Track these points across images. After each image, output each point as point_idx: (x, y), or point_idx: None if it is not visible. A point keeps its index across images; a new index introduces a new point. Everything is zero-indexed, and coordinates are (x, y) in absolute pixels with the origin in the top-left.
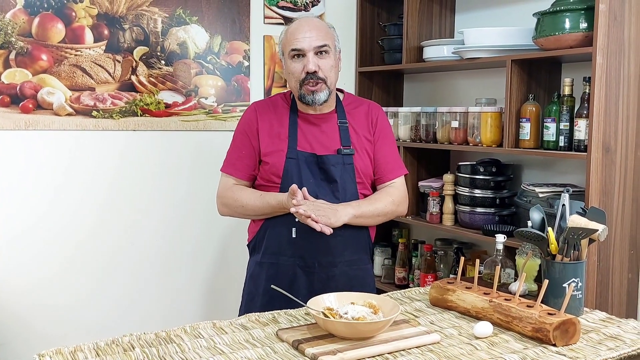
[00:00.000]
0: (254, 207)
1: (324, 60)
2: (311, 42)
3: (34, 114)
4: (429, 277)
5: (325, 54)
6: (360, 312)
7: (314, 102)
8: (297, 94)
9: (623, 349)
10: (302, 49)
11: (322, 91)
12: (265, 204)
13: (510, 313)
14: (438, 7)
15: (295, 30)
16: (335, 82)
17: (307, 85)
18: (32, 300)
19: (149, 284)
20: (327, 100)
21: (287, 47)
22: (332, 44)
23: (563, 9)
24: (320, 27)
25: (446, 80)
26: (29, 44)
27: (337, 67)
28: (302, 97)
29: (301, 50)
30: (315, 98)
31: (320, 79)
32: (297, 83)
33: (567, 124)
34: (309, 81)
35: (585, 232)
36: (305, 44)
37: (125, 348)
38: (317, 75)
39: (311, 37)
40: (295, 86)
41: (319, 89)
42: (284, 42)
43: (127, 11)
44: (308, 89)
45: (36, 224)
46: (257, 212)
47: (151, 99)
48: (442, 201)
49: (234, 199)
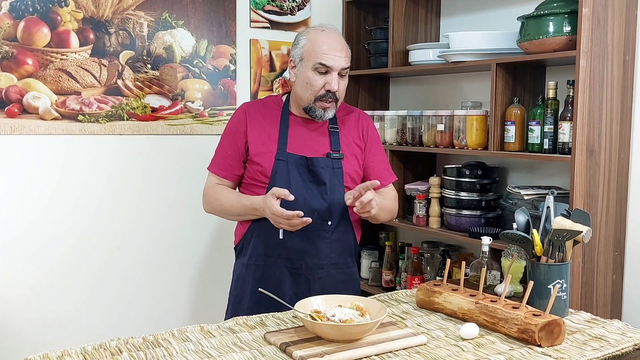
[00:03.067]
0: (230, 208)
1: (343, 81)
2: (340, 62)
3: (19, 119)
4: (415, 279)
5: (345, 76)
6: (348, 314)
7: (321, 118)
8: (306, 105)
9: (607, 350)
10: (332, 67)
11: (332, 109)
12: (240, 205)
13: (496, 314)
14: (424, 11)
15: (326, 45)
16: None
17: (323, 102)
18: (21, 307)
19: (138, 288)
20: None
21: (313, 58)
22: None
23: (547, 12)
24: (346, 48)
25: (432, 84)
26: (14, 48)
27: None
28: (310, 110)
29: (330, 67)
30: (325, 115)
31: (335, 99)
32: (313, 96)
33: (552, 127)
34: (327, 99)
35: (569, 233)
36: (336, 63)
37: (113, 352)
38: (335, 95)
39: (341, 58)
40: (310, 98)
41: (331, 107)
42: (310, 51)
43: (112, 15)
44: (322, 105)
45: (22, 230)
46: (233, 213)
47: (137, 103)
48: (428, 204)
49: (215, 197)
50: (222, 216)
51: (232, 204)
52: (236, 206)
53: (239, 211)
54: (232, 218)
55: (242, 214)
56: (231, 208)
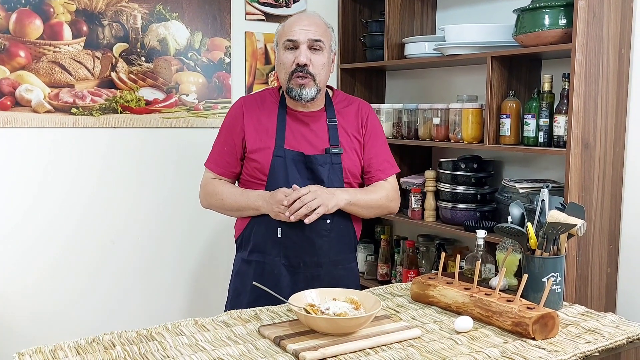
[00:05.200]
0: (232, 202)
1: (317, 56)
2: (307, 35)
3: (12, 111)
4: (411, 273)
5: (319, 51)
6: (342, 308)
7: (300, 98)
8: (285, 87)
9: (601, 342)
10: (297, 40)
11: (310, 87)
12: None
13: (491, 308)
14: (419, 3)
15: (293, 22)
16: (326, 82)
17: (296, 78)
18: (14, 301)
19: (134, 282)
20: (314, 98)
21: (282, 38)
22: (327, 42)
23: (543, 5)
24: (318, 24)
25: (428, 77)
26: (7, 40)
27: (329, 67)
28: (289, 90)
29: (295, 41)
30: (302, 93)
31: (309, 74)
32: (287, 75)
33: (547, 120)
34: (298, 73)
35: (564, 227)
36: (301, 36)
37: (106, 346)
38: (307, 69)
39: (308, 31)
40: (284, 78)
41: (307, 84)
42: (280, 32)
43: (106, 7)
44: (297, 82)
45: (15, 224)
46: (233, 208)
47: (131, 95)
48: (423, 197)
49: (215, 192)
50: (219, 211)
51: (234, 198)
52: (238, 199)
53: (240, 205)
54: (230, 213)
55: (242, 209)
56: (232, 203)
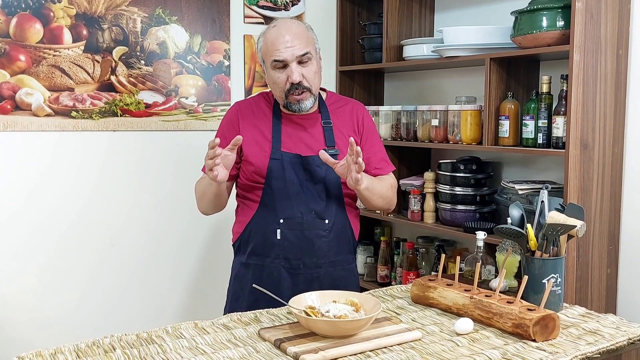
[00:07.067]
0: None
1: (307, 68)
2: (293, 52)
3: (12, 115)
4: (411, 274)
5: (308, 62)
6: (342, 310)
7: (300, 111)
8: (283, 103)
9: (602, 344)
10: (285, 59)
11: (308, 99)
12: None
13: (491, 309)
14: (418, 5)
15: (275, 40)
16: (319, 86)
17: (293, 95)
18: (14, 304)
19: (133, 285)
20: (312, 106)
21: (268, 57)
22: (312, 49)
23: (540, 7)
24: (300, 34)
25: (426, 79)
26: (7, 44)
27: (319, 71)
28: (287, 105)
29: (284, 61)
30: (301, 107)
31: (305, 88)
32: (282, 93)
33: (546, 122)
34: (294, 91)
35: (563, 228)
36: (288, 55)
37: (106, 349)
38: (302, 85)
39: (293, 47)
40: (281, 96)
41: (305, 98)
42: (264, 51)
43: (105, 11)
44: (294, 99)
45: (16, 227)
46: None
47: (131, 99)
48: (423, 199)
49: (196, 191)
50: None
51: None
52: (202, 181)
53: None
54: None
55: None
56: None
